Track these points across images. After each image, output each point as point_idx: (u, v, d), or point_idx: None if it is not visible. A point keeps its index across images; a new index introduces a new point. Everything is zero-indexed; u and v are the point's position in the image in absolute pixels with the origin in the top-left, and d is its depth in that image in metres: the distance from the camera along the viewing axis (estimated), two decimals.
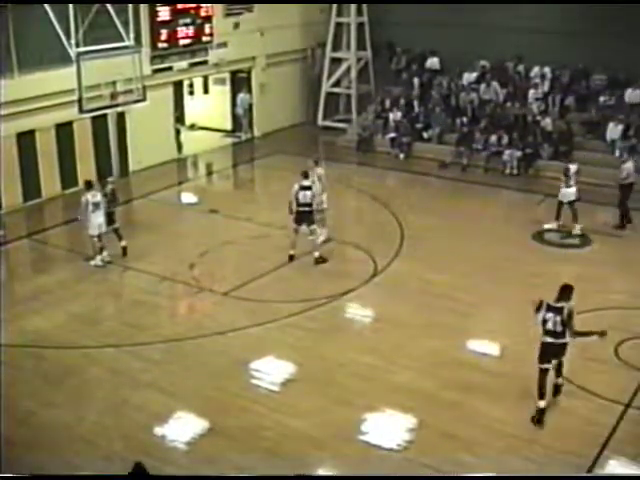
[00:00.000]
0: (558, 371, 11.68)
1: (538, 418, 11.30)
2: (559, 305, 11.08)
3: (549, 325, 11.10)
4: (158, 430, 11.35)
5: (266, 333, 14.08)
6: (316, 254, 16.81)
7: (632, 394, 11.94)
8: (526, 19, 24.40)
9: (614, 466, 10.54)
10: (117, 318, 14.81)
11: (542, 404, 11.31)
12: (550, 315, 11.07)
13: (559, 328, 11.07)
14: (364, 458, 10.76)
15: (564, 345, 11.24)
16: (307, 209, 16.56)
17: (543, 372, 11.33)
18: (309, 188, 16.59)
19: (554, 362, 11.42)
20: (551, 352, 11.29)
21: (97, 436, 11.19)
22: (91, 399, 12.17)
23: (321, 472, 10.63)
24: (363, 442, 11.09)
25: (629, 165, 19.14)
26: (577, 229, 18.42)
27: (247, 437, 11.14)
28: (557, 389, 11.87)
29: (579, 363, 12.70)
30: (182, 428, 11.42)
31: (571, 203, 18.46)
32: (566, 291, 11.23)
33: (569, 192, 18.45)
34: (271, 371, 12.88)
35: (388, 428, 11.38)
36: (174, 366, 13.08)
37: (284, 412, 11.71)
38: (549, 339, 11.18)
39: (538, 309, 11.11)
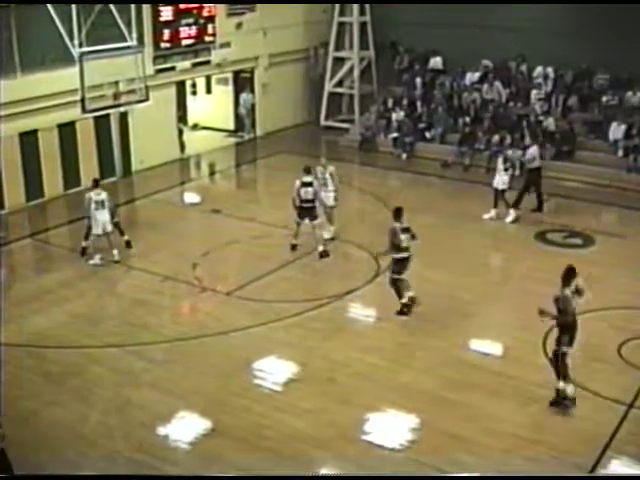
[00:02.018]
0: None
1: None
2: (406, 226, 14.32)
3: (404, 243, 14.23)
4: (160, 430, 11.36)
5: (269, 333, 14.08)
6: (320, 248, 16.91)
7: (635, 394, 11.92)
8: (529, 19, 24.37)
9: (617, 466, 10.53)
10: (119, 318, 14.81)
11: (406, 298, 14.35)
12: (404, 236, 14.22)
13: (410, 243, 14.36)
14: (366, 458, 10.75)
15: (411, 257, 14.43)
16: (309, 205, 16.85)
17: (400, 281, 14.37)
18: (310, 184, 16.85)
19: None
20: (408, 264, 14.32)
21: (99, 436, 11.21)
22: (93, 399, 12.17)
23: (323, 472, 10.64)
24: (365, 442, 11.09)
25: (534, 150, 19.77)
26: (512, 216, 18.99)
27: (249, 437, 11.14)
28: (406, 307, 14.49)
29: (581, 363, 12.70)
30: (184, 428, 11.43)
31: (503, 192, 19.03)
32: (399, 212, 14.43)
33: (504, 180, 19.06)
34: (273, 371, 12.88)
35: (390, 428, 11.38)
36: (176, 366, 13.09)
37: (286, 412, 11.71)
38: (406, 254, 14.29)
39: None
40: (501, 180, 19.08)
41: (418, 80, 26.50)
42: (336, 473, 10.65)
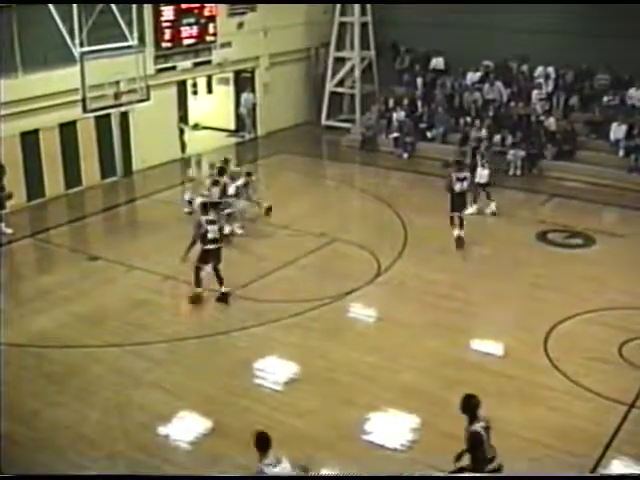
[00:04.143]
0: (219, 278, 14.89)
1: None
2: (212, 218, 14.68)
3: (210, 235, 14.54)
4: (161, 430, 11.37)
5: (269, 333, 14.08)
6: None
7: (635, 394, 11.92)
8: (530, 19, 24.38)
9: (617, 466, 10.53)
10: (120, 317, 14.80)
11: (199, 290, 14.85)
12: (212, 227, 14.55)
13: (218, 235, 14.80)
14: (367, 458, 10.76)
15: (220, 249, 14.91)
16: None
17: (200, 270, 14.82)
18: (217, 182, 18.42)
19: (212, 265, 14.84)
20: (216, 256, 14.73)
21: (100, 436, 11.21)
22: (94, 399, 12.17)
23: (324, 472, 10.62)
24: (366, 442, 11.09)
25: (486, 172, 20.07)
26: (492, 207, 19.41)
27: (250, 437, 11.11)
28: (224, 297, 14.98)
29: (582, 363, 12.71)
30: (185, 428, 11.44)
31: (484, 185, 19.32)
32: (206, 207, 14.82)
33: (484, 174, 19.34)
34: (274, 371, 12.89)
35: (391, 428, 11.39)
36: (177, 366, 13.10)
37: (287, 412, 11.71)
38: (212, 246, 14.62)
39: None
40: (480, 174, 19.32)
41: (419, 80, 26.50)
42: (337, 473, 10.64)
